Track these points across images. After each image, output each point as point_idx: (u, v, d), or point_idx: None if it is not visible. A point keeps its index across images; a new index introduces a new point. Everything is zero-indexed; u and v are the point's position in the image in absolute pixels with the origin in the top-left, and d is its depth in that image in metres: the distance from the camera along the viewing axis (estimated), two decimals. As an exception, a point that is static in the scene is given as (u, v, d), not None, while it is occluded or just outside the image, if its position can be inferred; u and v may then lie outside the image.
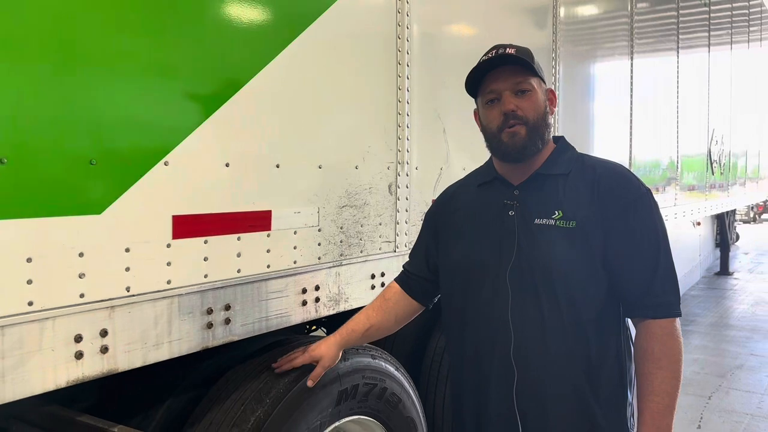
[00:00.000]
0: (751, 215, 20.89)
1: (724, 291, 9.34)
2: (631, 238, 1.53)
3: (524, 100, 1.56)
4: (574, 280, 1.52)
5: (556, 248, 1.52)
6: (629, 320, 1.65)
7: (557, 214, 1.55)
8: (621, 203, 1.54)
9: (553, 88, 1.70)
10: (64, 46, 1.37)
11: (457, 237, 1.69)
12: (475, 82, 1.62)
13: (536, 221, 1.56)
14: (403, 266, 1.90)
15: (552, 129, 1.65)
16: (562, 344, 1.54)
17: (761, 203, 20.01)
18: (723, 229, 10.54)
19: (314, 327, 3.32)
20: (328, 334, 3.10)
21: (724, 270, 10.62)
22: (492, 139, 1.61)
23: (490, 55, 1.60)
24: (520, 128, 1.55)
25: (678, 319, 1.55)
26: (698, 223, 8.27)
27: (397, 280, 1.87)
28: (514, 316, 1.53)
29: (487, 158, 1.73)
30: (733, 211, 11.56)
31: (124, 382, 2.05)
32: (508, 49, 1.59)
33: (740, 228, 15.31)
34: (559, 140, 1.71)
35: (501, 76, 1.57)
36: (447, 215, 1.76)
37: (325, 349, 1.81)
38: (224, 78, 1.72)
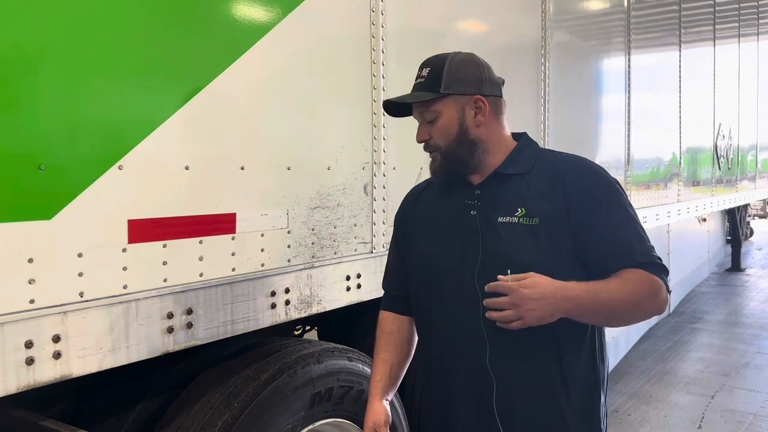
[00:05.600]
0: (767, 210, 20.55)
1: (734, 287, 9.21)
2: (602, 224, 1.51)
3: (433, 128, 1.57)
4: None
5: (521, 245, 1.50)
6: None
7: (520, 211, 1.53)
8: (591, 196, 1.53)
9: (482, 96, 1.55)
10: (9, 45, 1.36)
11: (420, 238, 1.68)
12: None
13: (499, 219, 1.54)
14: (384, 288, 1.84)
15: (485, 139, 1.56)
16: (536, 346, 1.51)
17: (777, 198, 19.70)
18: (734, 225, 10.40)
19: (308, 328, 3.31)
20: (319, 336, 3.12)
21: (736, 266, 10.48)
22: None
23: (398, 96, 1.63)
24: (434, 155, 1.59)
25: (664, 288, 1.50)
26: (704, 219, 8.15)
27: (385, 307, 1.80)
28: (486, 320, 1.48)
29: None
30: (745, 207, 11.40)
31: (101, 385, 2.06)
32: (424, 69, 1.59)
33: (755, 223, 15.11)
34: (521, 137, 1.67)
35: (413, 107, 1.60)
36: (412, 216, 1.74)
37: (373, 413, 1.69)
38: (186, 78, 1.70)
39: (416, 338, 1.78)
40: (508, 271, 1.41)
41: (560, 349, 1.53)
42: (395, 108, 1.62)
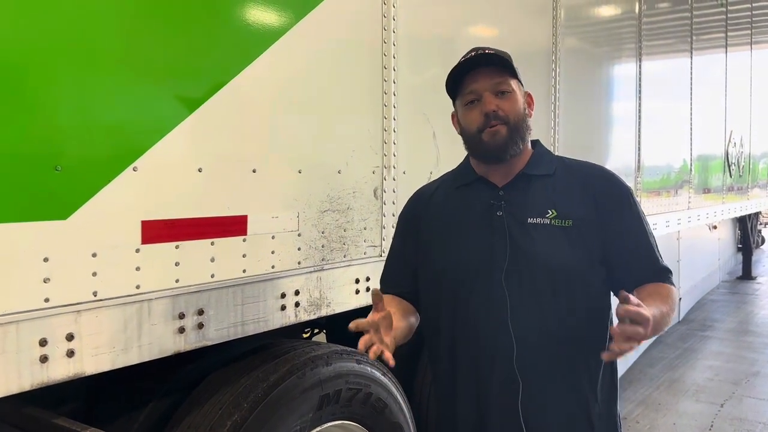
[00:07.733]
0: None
1: (745, 296, 9.14)
2: (628, 230, 1.59)
3: (504, 101, 1.55)
4: (574, 278, 1.52)
5: (556, 246, 1.52)
6: None
7: (551, 213, 1.54)
8: (615, 202, 1.59)
9: (531, 92, 1.67)
10: (27, 47, 1.38)
11: (439, 242, 1.64)
12: (454, 84, 1.61)
13: (529, 220, 1.54)
14: (385, 291, 1.72)
15: (531, 132, 1.64)
16: (565, 347, 1.52)
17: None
18: (745, 233, 10.33)
19: (317, 331, 3.33)
20: (328, 339, 3.13)
21: (747, 274, 10.40)
22: (472, 140, 1.60)
23: (469, 56, 1.59)
24: (501, 128, 1.54)
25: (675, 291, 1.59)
26: (714, 227, 8.10)
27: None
28: (513, 321, 1.50)
29: None
30: (757, 215, 11.32)
31: (112, 384, 2.08)
32: (487, 50, 1.59)
33: (766, 231, 14.97)
34: (536, 144, 1.70)
35: (481, 77, 1.56)
36: (426, 218, 1.70)
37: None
38: (199, 82, 1.73)
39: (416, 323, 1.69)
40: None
41: (585, 348, 1.53)
42: (457, 77, 1.59)
